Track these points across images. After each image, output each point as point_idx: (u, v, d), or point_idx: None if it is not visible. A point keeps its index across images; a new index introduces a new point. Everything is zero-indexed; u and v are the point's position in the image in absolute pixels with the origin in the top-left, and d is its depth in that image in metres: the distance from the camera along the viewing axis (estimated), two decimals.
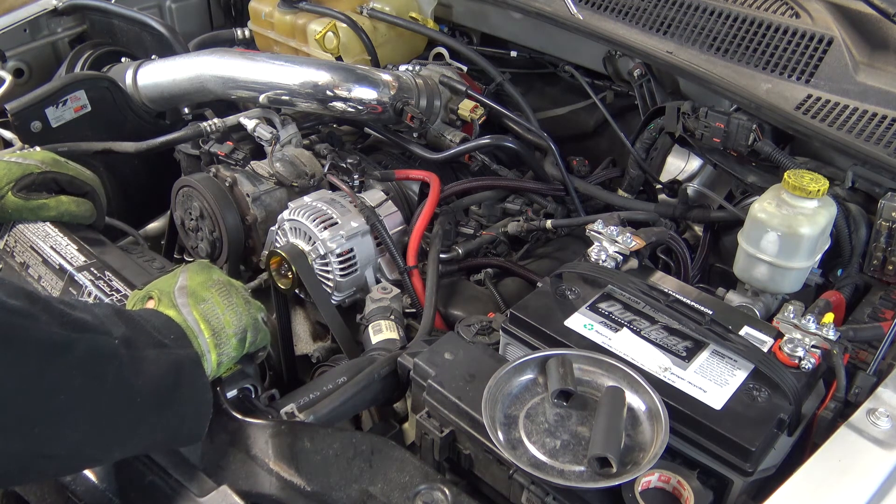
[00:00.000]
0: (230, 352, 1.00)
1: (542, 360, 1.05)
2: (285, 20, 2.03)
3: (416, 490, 0.97)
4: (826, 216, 1.29)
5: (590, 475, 0.93)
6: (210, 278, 1.02)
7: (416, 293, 1.50)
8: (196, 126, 1.69)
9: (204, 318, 0.97)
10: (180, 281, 1.01)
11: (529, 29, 1.99)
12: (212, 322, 0.98)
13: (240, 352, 1.03)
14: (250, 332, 1.03)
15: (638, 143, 1.74)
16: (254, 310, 1.05)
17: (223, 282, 1.03)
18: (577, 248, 1.68)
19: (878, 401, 1.03)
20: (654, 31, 1.73)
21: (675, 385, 1.04)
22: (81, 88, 1.76)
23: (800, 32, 1.58)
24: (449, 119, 1.86)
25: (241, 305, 1.02)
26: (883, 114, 1.44)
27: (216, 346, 0.98)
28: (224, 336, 0.98)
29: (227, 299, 1.00)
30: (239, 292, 1.04)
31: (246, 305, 1.03)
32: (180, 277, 1.02)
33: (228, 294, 1.01)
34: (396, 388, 1.24)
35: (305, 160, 1.67)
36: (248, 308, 1.04)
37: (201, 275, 1.03)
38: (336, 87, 1.66)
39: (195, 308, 0.98)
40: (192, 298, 0.98)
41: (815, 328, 1.09)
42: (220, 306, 0.98)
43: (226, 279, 1.05)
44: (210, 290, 1.00)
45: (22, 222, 1.41)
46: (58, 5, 2.08)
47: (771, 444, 1.00)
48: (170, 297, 0.99)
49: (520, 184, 1.81)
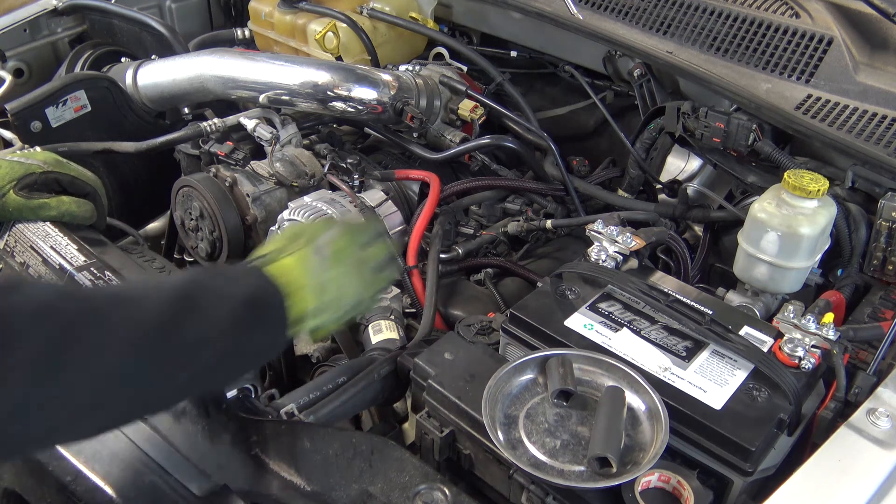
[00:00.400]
0: (335, 318, 1.02)
1: (542, 360, 1.05)
2: (285, 20, 2.03)
3: (416, 490, 0.97)
4: (826, 216, 1.29)
5: (590, 475, 0.93)
6: (348, 250, 1.03)
7: (416, 293, 1.50)
8: (196, 126, 1.69)
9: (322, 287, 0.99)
10: (325, 237, 1.02)
11: (529, 29, 1.99)
12: (337, 288, 1.00)
13: (336, 325, 1.04)
14: (362, 304, 1.06)
15: (638, 143, 1.74)
16: (369, 291, 1.06)
17: (357, 260, 1.05)
18: (577, 248, 1.68)
19: (878, 401, 1.03)
20: (654, 31, 1.73)
21: (675, 385, 1.04)
22: (81, 88, 1.75)
23: (800, 32, 1.58)
24: (449, 119, 1.86)
25: (360, 286, 1.04)
26: (883, 114, 1.44)
27: (330, 309, 1.00)
28: (339, 305, 1.01)
29: (358, 271, 1.03)
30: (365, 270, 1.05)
31: (362, 287, 1.04)
32: (326, 235, 1.03)
33: (360, 267, 1.03)
34: (396, 388, 1.24)
35: (305, 160, 1.67)
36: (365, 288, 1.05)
37: (344, 240, 1.04)
38: (336, 87, 1.67)
39: (326, 271, 0.99)
40: (327, 262, 1.00)
41: (815, 328, 1.09)
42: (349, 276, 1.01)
43: (359, 256, 1.05)
44: (344, 263, 1.02)
45: (22, 222, 1.41)
46: (58, 5, 2.08)
47: (771, 444, 1.00)
48: (308, 253, 1.00)
49: (520, 184, 1.81)
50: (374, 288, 1.07)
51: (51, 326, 0.76)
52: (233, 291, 0.90)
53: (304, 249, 1.00)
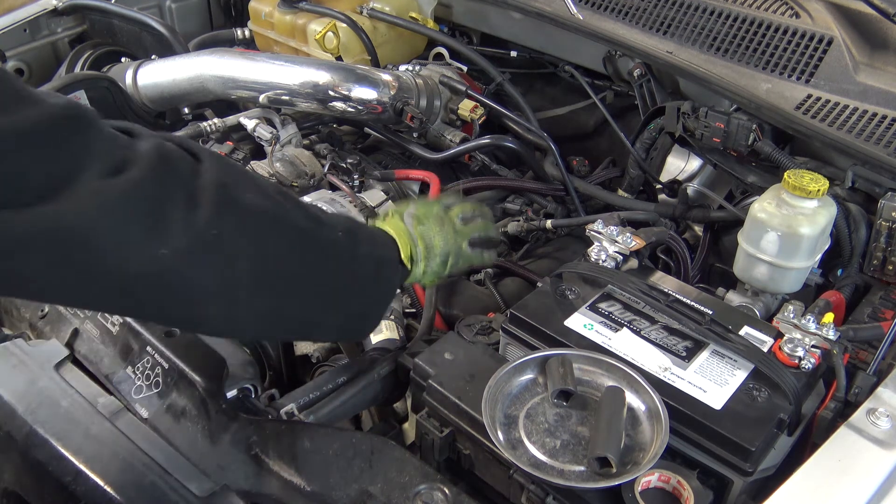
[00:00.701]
0: (435, 267, 1.18)
1: (542, 360, 1.05)
2: (285, 20, 2.02)
3: (416, 490, 0.97)
4: (826, 216, 1.29)
5: (590, 475, 0.93)
6: (430, 211, 1.21)
7: (416, 293, 1.50)
8: (196, 126, 1.69)
9: (421, 235, 1.16)
10: (410, 208, 1.20)
11: (529, 29, 1.99)
12: (426, 240, 1.16)
13: (443, 269, 1.19)
14: (452, 256, 1.20)
15: (638, 143, 1.74)
16: (460, 239, 1.22)
17: (440, 215, 1.21)
18: (577, 248, 1.68)
19: (878, 401, 1.03)
20: (654, 31, 1.73)
21: (675, 385, 1.04)
22: (81, 88, 1.75)
23: (800, 32, 1.58)
24: (449, 119, 1.86)
25: (451, 234, 1.20)
26: (883, 114, 1.44)
27: (426, 258, 1.16)
28: (433, 253, 1.16)
29: (440, 227, 1.18)
30: (452, 223, 1.22)
31: (454, 235, 1.20)
32: (411, 206, 1.21)
33: (442, 224, 1.19)
34: (396, 388, 1.24)
35: (305, 160, 1.67)
36: (456, 237, 1.21)
37: (425, 207, 1.22)
38: (336, 87, 1.67)
39: (416, 227, 1.17)
40: (415, 220, 1.18)
41: (815, 328, 1.09)
42: (433, 230, 1.17)
43: (443, 214, 1.22)
44: (429, 219, 1.19)
45: None
46: (58, 5, 2.08)
47: (771, 444, 1.00)
48: (401, 215, 1.19)
49: (520, 184, 1.81)
50: (461, 238, 1.21)
51: (227, 169, 0.90)
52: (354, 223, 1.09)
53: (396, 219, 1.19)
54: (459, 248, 1.22)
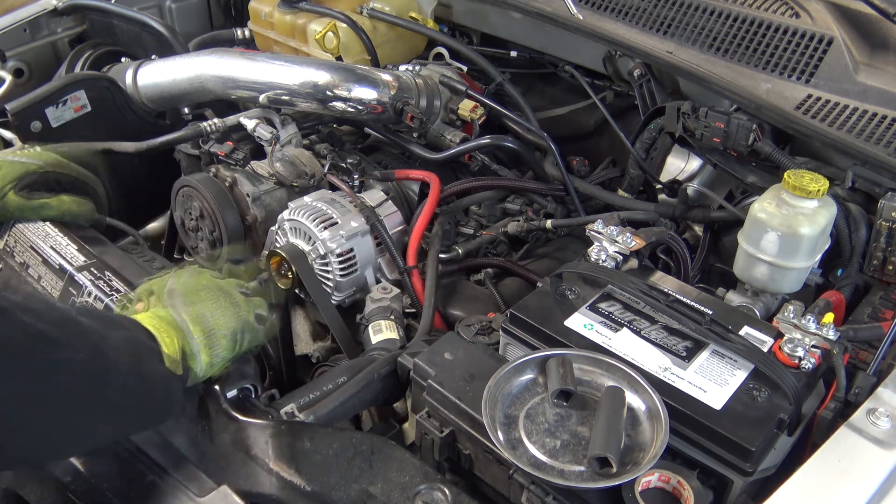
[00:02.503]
0: (221, 352, 1.03)
1: (542, 360, 1.05)
2: (285, 20, 2.03)
3: (416, 490, 0.97)
4: (826, 216, 1.29)
5: (590, 475, 0.93)
6: (199, 283, 1.05)
7: (415, 293, 1.50)
8: (196, 126, 1.69)
9: (194, 319, 0.99)
10: (170, 284, 1.03)
11: (529, 29, 1.99)
12: (202, 323, 1.00)
13: (232, 351, 1.04)
14: (242, 332, 1.05)
15: (638, 143, 1.74)
16: (245, 311, 1.06)
17: (213, 286, 1.06)
18: (577, 248, 1.68)
19: (878, 401, 1.03)
20: (654, 31, 1.73)
21: (675, 385, 1.04)
22: (81, 88, 1.75)
23: (800, 32, 1.58)
24: (449, 119, 1.86)
25: (230, 308, 1.04)
26: (883, 114, 1.44)
27: (207, 346, 1.00)
28: (215, 337, 1.00)
29: (217, 302, 1.03)
30: (230, 295, 1.06)
31: (235, 308, 1.05)
32: (170, 281, 1.04)
33: (218, 297, 1.04)
34: (396, 388, 1.24)
35: (305, 160, 1.67)
36: (239, 310, 1.05)
37: (192, 279, 1.05)
38: (336, 87, 1.66)
39: (184, 310, 1.00)
40: (183, 300, 1.01)
41: (815, 328, 1.09)
42: (210, 308, 1.01)
43: (215, 283, 1.07)
44: (199, 294, 1.03)
45: (22, 222, 1.41)
46: (58, 5, 2.08)
47: (771, 444, 1.00)
48: (160, 299, 1.01)
49: (520, 184, 1.81)
50: (243, 312, 1.05)
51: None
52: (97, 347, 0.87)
53: (156, 305, 1.00)
54: (247, 322, 1.05)
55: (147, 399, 0.93)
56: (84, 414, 0.86)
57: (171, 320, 0.98)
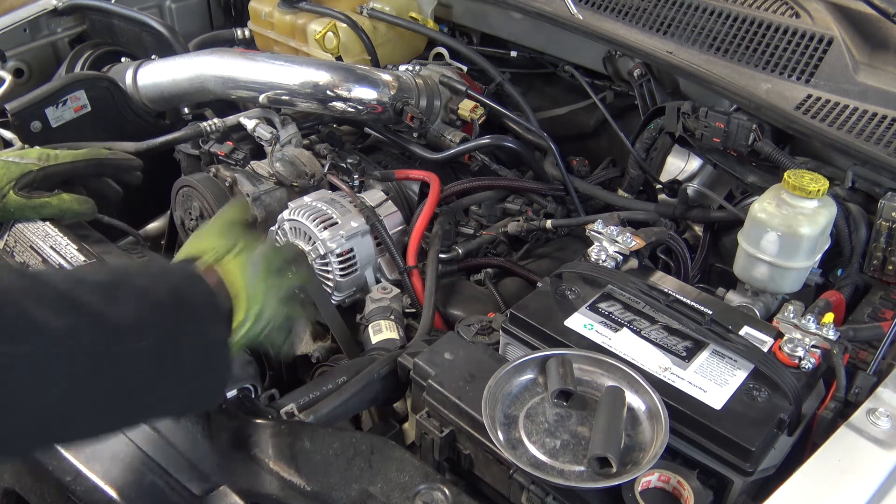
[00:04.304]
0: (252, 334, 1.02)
1: (542, 360, 1.05)
2: (285, 20, 2.03)
3: (416, 490, 0.97)
4: (826, 216, 1.29)
5: (590, 475, 0.93)
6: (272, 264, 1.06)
7: (415, 293, 1.50)
8: (196, 126, 1.69)
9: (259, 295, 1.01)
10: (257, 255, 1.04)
11: (529, 29, 1.99)
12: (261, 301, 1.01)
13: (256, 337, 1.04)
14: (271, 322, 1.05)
15: (638, 143, 1.74)
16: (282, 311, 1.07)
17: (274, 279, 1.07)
18: (577, 248, 1.68)
19: (878, 401, 1.03)
20: (654, 31, 1.73)
21: (675, 385, 1.04)
22: (81, 88, 1.75)
23: (800, 32, 1.58)
24: (449, 119, 1.86)
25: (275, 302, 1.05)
26: (883, 114, 1.44)
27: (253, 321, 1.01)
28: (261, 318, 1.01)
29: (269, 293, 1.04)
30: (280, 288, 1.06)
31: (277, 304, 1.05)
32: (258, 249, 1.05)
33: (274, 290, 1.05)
34: (396, 388, 1.24)
35: (305, 160, 1.67)
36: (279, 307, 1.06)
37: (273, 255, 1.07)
38: (336, 87, 1.66)
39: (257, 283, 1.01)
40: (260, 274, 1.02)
41: (815, 328, 1.09)
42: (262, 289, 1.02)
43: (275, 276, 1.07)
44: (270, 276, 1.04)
45: (22, 221, 1.41)
46: (58, 5, 2.08)
47: (771, 444, 1.00)
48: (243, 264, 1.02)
49: (520, 184, 1.81)
50: (282, 311, 1.06)
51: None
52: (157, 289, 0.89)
53: (242, 256, 1.01)
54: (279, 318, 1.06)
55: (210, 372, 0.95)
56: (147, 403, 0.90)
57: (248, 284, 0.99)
